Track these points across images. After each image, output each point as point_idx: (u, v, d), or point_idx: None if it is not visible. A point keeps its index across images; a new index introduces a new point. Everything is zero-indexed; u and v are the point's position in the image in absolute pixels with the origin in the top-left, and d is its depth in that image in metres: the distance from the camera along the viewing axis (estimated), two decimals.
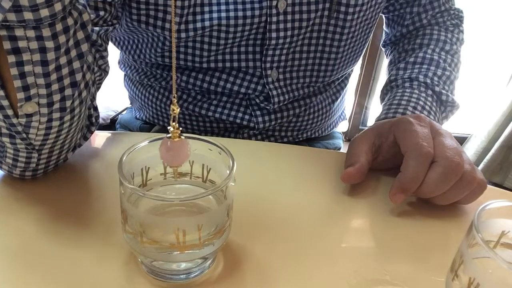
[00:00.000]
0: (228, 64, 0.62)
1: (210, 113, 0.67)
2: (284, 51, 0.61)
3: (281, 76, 0.64)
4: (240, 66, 0.62)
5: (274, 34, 0.59)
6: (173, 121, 0.35)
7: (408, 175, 0.46)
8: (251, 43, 0.60)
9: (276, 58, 0.62)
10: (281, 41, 0.60)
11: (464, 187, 0.46)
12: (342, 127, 0.90)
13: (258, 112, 0.67)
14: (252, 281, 0.39)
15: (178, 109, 0.35)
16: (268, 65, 0.62)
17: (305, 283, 0.39)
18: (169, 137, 0.36)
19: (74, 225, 0.43)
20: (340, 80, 0.74)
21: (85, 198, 0.47)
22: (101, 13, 0.49)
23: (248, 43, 0.60)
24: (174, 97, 0.35)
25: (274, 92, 0.65)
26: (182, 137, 0.36)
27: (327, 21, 0.61)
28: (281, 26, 0.58)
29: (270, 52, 0.61)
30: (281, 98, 0.66)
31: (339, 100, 0.77)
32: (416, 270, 0.41)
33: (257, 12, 0.56)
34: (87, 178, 0.51)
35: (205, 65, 0.62)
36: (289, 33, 0.59)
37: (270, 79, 0.64)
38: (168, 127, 0.36)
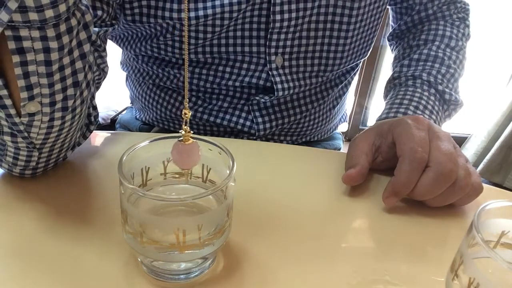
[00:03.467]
0: (231, 49, 0.61)
1: (211, 118, 0.67)
2: (290, 36, 0.60)
3: (286, 63, 0.63)
4: (244, 51, 0.61)
5: (278, 16, 0.57)
6: (185, 124, 0.36)
7: (400, 179, 0.46)
8: (255, 27, 0.59)
9: (281, 43, 0.60)
10: (285, 23, 0.58)
11: (456, 193, 0.46)
12: (342, 127, 0.90)
13: (260, 119, 0.67)
14: (252, 281, 0.39)
15: (190, 113, 0.36)
16: (272, 50, 0.60)
17: (305, 283, 0.39)
18: (181, 140, 0.36)
19: (74, 224, 0.43)
20: (343, 83, 0.73)
21: (85, 198, 0.47)
22: (99, 13, 0.49)
23: (252, 27, 0.59)
24: (186, 101, 0.36)
25: (278, 79, 0.63)
26: (193, 140, 0.37)
27: (334, 3, 0.59)
28: (285, 7, 0.57)
29: (275, 36, 0.59)
30: (285, 85, 0.64)
31: (339, 105, 0.76)
32: (416, 270, 0.41)
33: None
34: (87, 178, 0.51)
35: (208, 49, 0.60)
36: (293, 15, 0.58)
37: (274, 65, 0.62)
38: (180, 130, 0.36)
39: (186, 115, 0.35)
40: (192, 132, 0.36)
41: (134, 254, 0.39)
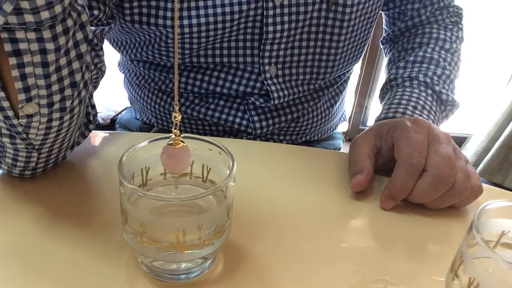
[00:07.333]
0: (225, 59, 0.62)
1: (208, 117, 0.67)
2: (282, 46, 0.61)
3: (280, 72, 0.64)
4: (238, 61, 0.62)
5: (271, 28, 0.58)
6: (175, 128, 0.35)
7: (396, 184, 0.47)
8: (248, 37, 0.60)
9: (274, 53, 0.61)
10: (278, 35, 0.59)
11: (454, 196, 0.46)
12: (342, 127, 0.89)
13: (256, 118, 0.67)
14: (252, 281, 0.39)
15: (180, 116, 0.35)
16: (266, 60, 0.61)
17: (305, 283, 0.39)
18: (171, 144, 0.36)
19: (74, 224, 0.43)
20: (339, 83, 0.73)
21: (85, 198, 0.47)
22: (95, 12, 0.49)
23: (245, 37, 0.60)
24: (176, 105, 0.35)
25: (273, 88, 0.64)
26: (183, 143, 0.36)
27: (325, 14, 0.60)
28: (278, 19, 0.58)
29: (268, 47, 0.60)
30: (281, 93, 0.65)
31: (338, 103, 0.76)
32: (416, 270, 0.41)
33: (252, 5, 0.56)
34: (87, 178, 0.51)
35: (202, 59, 0.61)
36: (286, 26, 0.59)
37: (268, 75, 0.63)
38: (170, 134, 0.36)
39: (176, 118, 0.35)
40: (182, 135, 0.36)
41: (134, 254, 0.39)
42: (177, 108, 0.35)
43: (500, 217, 0.33)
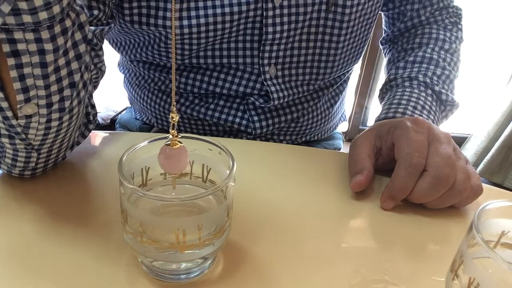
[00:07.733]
0: (225, 60, 0.62)
1: (208, 117, 0.67)
2: (282, 47, 0.61)
3: (279, 73, 0.64)
4: (238, 62, 0.62)
5: (270, 29, 0.58)
6: (172, 128, 0.35)
7: (396, 184, 0.47)
8: (248, 38, 0.60)
9: (274, 54, 0.61)
10: (277, 35, 0.59)
11: (454, 196, 0.46)
12: (342, 127, 0.89)
13: (255, 118, 0.67)
14: (252, 281, 0.39)
15: (178, 117, 0.35)
16: (266, 61, 0.62)
17: (305, 283, 0.39)
18: (168, 144, 0.36)
19: (74, 225, 0.43)
20: (339, 83, 0.73)
21: (85, 198, 0.47)
22: (95, 12, 0.49)
23: (245, 38, 0.60)
24: (173, 105, 0.35)
25: (273, 88, 0.64)
26: (181, 144, 0.36)
27: (325, 15, 0.60)
28: (278, 20, 0.58)
29: (268, 48, 0.60)
30: (280, 94, 0.65)
31: (338, 103, 0.76)
32: (416, 270, 0.41)
33: (252, 6, 0.56)
34: (87, 178, 0.51)
35: (202, 61, 0.62)
36: (285, 27, 0.59)
37: (268, 76, 0.63)
38: (167, 135, 0.36)
39: (174, 119, 0.35)
40: (180, 136, 0.36)
41: (134, 254, 0.39)
42: (175, 108, 0.35)
43: (500, 217, 0.33)
